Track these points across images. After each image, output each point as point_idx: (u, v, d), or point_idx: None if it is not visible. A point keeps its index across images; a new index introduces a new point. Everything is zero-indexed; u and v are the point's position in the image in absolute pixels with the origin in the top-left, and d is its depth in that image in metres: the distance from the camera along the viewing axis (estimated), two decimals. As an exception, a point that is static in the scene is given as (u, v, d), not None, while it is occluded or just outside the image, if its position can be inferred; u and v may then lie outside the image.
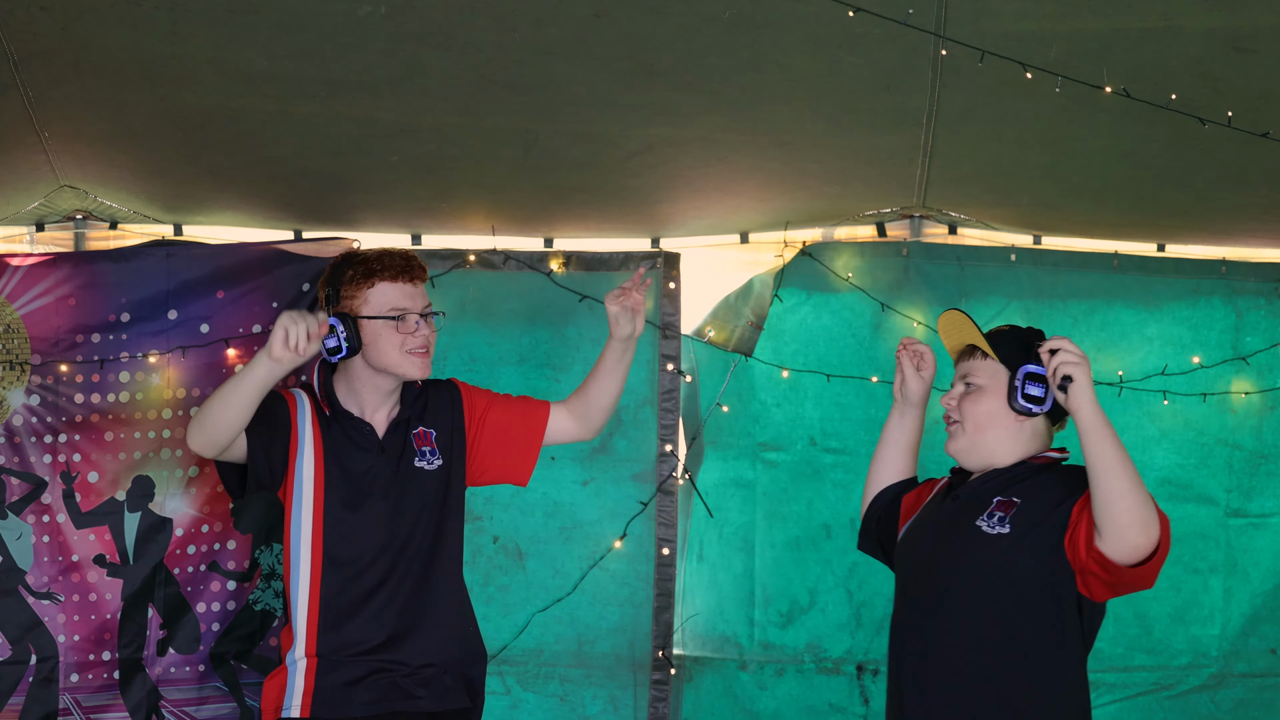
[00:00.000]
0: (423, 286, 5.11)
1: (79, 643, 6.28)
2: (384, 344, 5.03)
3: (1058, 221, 6.75)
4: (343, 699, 5.04)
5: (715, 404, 6.74)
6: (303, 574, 5.09)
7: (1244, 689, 6.90)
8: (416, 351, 5.05)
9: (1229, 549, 6.85)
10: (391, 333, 5.02)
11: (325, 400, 5.12)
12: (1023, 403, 4.43)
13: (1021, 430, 4.49)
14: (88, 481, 6.28)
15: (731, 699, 6.80)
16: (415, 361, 5.05)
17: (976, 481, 4.55)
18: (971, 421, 4.52)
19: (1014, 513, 4.38)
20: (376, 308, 5.02)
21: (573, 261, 6.61)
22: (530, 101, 5.67)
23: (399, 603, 5.09)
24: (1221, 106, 5.40)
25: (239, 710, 6.41)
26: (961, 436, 4.54)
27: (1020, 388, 4.44)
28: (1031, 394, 4.43)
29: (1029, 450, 4.51)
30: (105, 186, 6.33)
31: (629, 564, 6.65)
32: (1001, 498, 4.43)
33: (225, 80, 5.54)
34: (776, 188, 6.38)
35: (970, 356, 4.62)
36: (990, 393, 4.51)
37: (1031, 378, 4.43)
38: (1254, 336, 6.82)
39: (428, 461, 5.16)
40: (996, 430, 4.50)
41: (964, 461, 4.58)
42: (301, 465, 5.10)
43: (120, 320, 6.29)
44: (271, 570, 6.42)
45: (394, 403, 5.16)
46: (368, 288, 5.02)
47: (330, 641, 5.04)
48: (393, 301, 5.02)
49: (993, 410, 4.50)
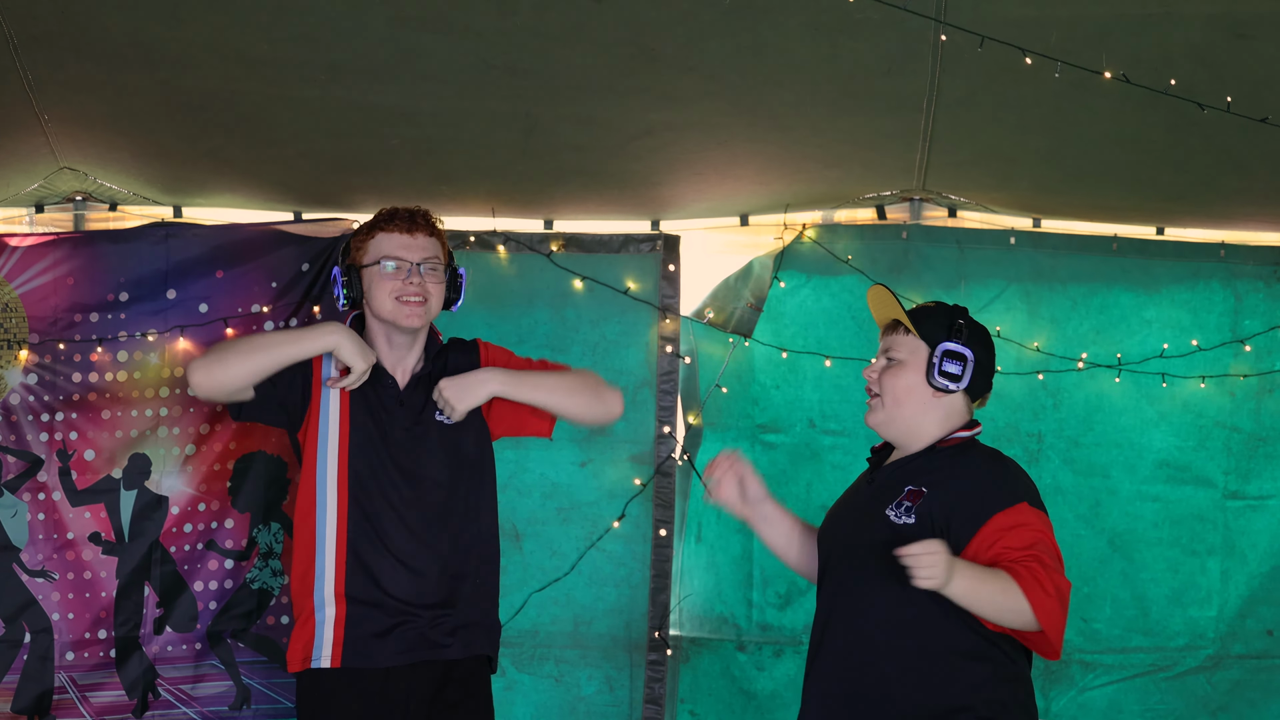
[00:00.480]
0: (426, 239, 5.19)
1: (74, 621, 6.32)
2: (378, 292, 5.14)
3: (1057, 205, 6.77)
4: (372, 650, 5.13)
5: (715, 385, 6.76)
6: (329, 519, 5.17)
7: (1241, 670, 6.92)
8: (409, 300, 5.12)
9: (1227, 531, 6.86)
10: (384, 281, 5.13)
11: None
12: (940, 380, 4.53)
13: (939, 405, 4.58)
14: (84, 459, 6.33)
15: (729, 680, 6.83)
16: (406, 310, 5.13)
17: (892, 466, 4.64)
18: (890, 395, 4.60)
19: (920, 503, 4.46)
20: (372, 257, 5.15)
21: (572, 243, 6.64)
22: (530, 85, 5.70)
23: (424, 553, 5.17)
24: (1221, 92, 5.43)
25: (235, 689, 6.45)
26: (880, 410, 4.63)
27: (938, 364, 4.54)
28: (949, 371, 4.53)
29: (945, 428, 4.59)
30: (105, 169, 6.34)
31: (626, 545, 6.68)
32: (912, 486, 4.51)
33: (225, 64, 5.56)
34: (776, 171, 6.40)
35: (894, 331, 4.68)
36: (909, 367, 4.59)
37: (950, 355, 4.53)
38: (1253, 319, 6.84)
39: (446, 417, 5.23)
40: (913, 404, 4.58)
41: (883, 434, 4.69)
42: (326, 413, 5.20)
43: (119, 300, 6.35)
44: (269, 549, 6.46)
45: (415, 357, 5.26)
46: (369, 239, 5.19)
47: (358, 586, 5.13)
48: (386, 250, 5.14)
49: (911, 385, 4.58)
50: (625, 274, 6.66)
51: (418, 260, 5.15)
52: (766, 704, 6.83)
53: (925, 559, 4.22)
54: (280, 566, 6.47)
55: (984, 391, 4.68)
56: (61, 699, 6.33)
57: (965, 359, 4.54)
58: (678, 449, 6.72)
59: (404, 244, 5.15)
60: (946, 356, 4.54)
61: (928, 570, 4.22)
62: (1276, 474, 6.90)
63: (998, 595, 4.28)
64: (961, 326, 4.58)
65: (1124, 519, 6.87)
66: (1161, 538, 6.86)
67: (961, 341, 4.55)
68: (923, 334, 4.59)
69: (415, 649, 5.16)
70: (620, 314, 6.68)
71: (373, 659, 5.13)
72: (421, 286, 5.13)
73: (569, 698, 6.70)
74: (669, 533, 6.69)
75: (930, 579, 4.21)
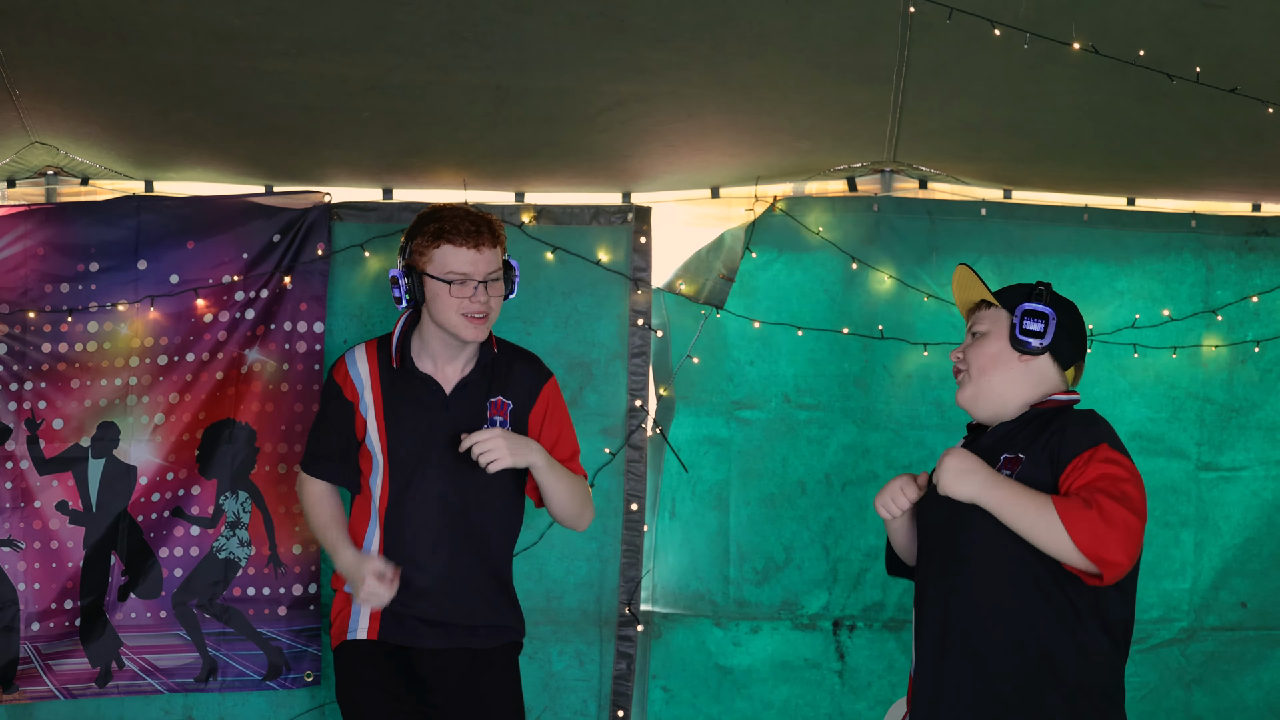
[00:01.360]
0: (490, 252, 5.25)
1: (40, 591, 6.39)
2: (441, 303, 5.23)
3: (1028, 176, 6.80)
4: (410, 630, 5.36)
5: (686, 355, 6.79)
6: (375, 522, 5.38)
7: (1215, 642, 6.99)
8: (473, 316, 5.24)
9: (1200, 503, 6.94)
10: (450, 296, 5.22)
11: (398, 353, 5.36)
12: (1021, 337, 4.54)
13: (1028, 372, 4.59)
14: (52, 428, 6.40)
15: (705, 655, 6.86)
16: (469, 325, 5.25)
17: (988, 438, 4.62)
18: (976, 366, 4.61)
19: (1019, 470, 4.46)
20: (438, 269, 5.22)
21: (544, 215, 6.68)
22: (500, 58, 5.71)
23: (455, 560, 5.38)
24: (1190, 62, 5.49)
25: (201, 661, 6.52)
26: (968, 384, 4.63)
27: (1019, 324, 4.55)
28: (1030, 329, 4.54)
29: (1037, 394, 4.61)
30: (76, 143, 6.36)
31: (598, 519, 6.58)
32: (1008, 454, 4.52)
33: (196, 38, 5.58)
34: (747, 143, 6.43)
35: (977, 309, 4.72)
36: (993, 336, 4.61)
37: (1030, 314, 4.55)
38: (1224, 290, 6.89)
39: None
40: (1000, 372, 4.60)
41: (973, 410, 4.67)
42: (370, 429, 5.38)
43: (89, 270, 6.41)
44: (236, 519, 6.52)
45: (467, 360, 5.38)
46: (434, 248, 5.23)
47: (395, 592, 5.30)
48: (453, 265, 5.21)
49: (995, 352, 4.60)
50: (597, 246, 6.70)
51: (483, 277, 5.23)
52: (742, 679, 6.88)
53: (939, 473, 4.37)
54: (247, 537, 6.53)
55: (1075, 359, 4.68)
56: (26, 669, 6.39)
57: (1046, 316, 4.55)
58: (649, 422, 6.75)
59: (471, 260, 5.21)
60: (1027, 315, 4.56)
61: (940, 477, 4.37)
62: (1249, 445, 6.96)
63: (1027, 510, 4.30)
64: (1041, 290, 4.61)
65: None
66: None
67: (1043, 301, 4.58)
68: (1004, 303, 4.64)
69: (452, 636, 5.38)
70: (592, 286, 6.72)
71: (409, 638, 5.35)
72: (486, 303, 5.24)
73: (541, 673, 6.73)
74: (640, 506, 6.72)
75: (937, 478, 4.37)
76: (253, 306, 6.52)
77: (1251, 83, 5.61)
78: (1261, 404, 6.96)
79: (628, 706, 6.75)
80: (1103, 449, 4.41)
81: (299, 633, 6.56)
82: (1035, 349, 4.57)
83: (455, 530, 5.36)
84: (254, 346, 6.53)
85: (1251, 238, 6.90)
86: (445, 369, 5.39)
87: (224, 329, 6.51)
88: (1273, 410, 6.97)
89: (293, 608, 6.58)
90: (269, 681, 6.58)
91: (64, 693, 6.42)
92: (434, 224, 5.25)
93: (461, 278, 5.20)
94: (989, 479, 4.36)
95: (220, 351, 6.51)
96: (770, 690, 6.88)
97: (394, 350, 5.38)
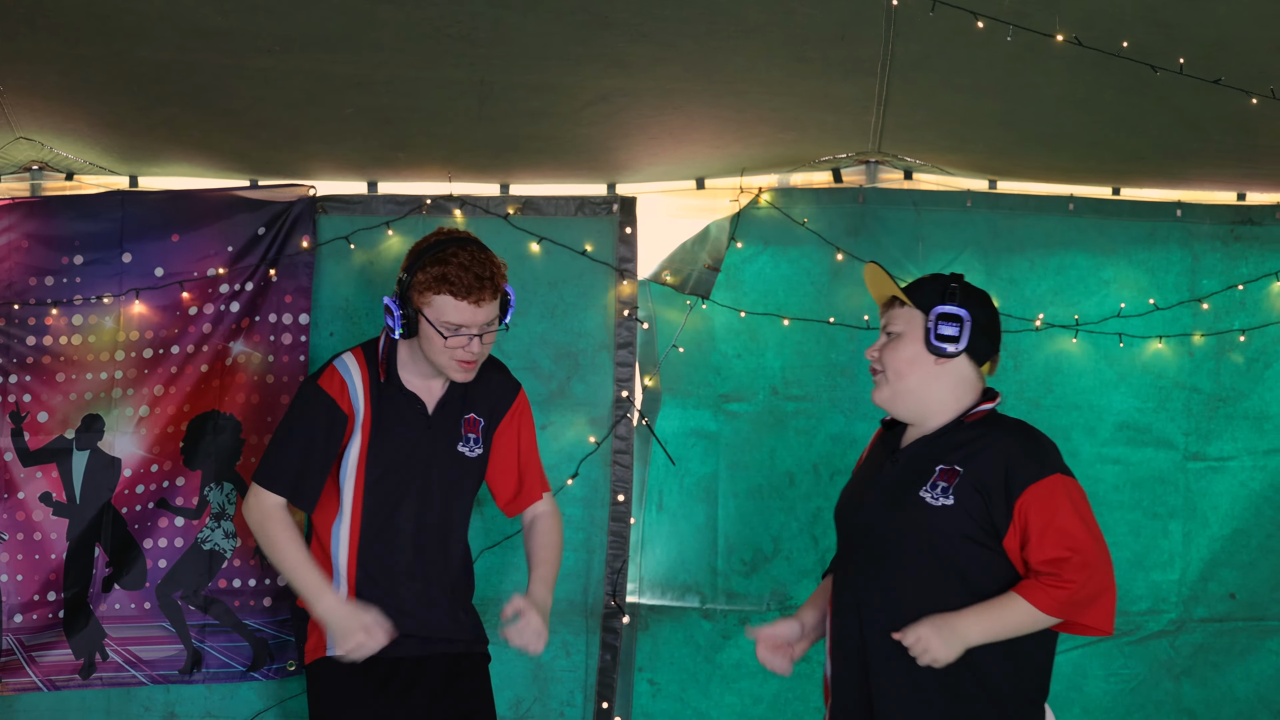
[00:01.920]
0: (490, 305, 5.29)
1: (23, 583, 6.41)
2: (434, 345, 5.30)
3: (1013, 166, 6.81)
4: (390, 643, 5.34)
5: (672, 345, 6.81)
6: (343, 540, 5.42)
7: (1203, 634, 7.00)
8: (462, 362, 5.29)
9: (1188, 493, 6.95)
10: (442, 344, 5.26)
11: (385, 366, 5.39)
12: (936, 343, 4.59)
13: (944, 373, 4.65)
14: (37, 421, 6.44)
15: (693, 648, 6.88)
16: (459, 370, 5.32)
17: (918, 444, 4.66)
18: (892, 369, 4.66)
19: (957, 483, 4.52)
20: (434, 315, 5.26)
21: (529, 206, 6.70)
22: (485, 54, 5.72)
23: (428, 577, 5.47)
24: (1173, 53, 5.50)
25: (185, 653, 6.54)
26: (885, 386, 4.69)
27: (933, 328, 4.60)
28: (945, 334, 4.58)
29: (957, 396, 4.66)
30: (61, 138, 6.37)
31: (584, 509, 6.73)
32: (944, 465, 4.56)
33: (179, 35, 5.58)
34: (732, 135, 6.44)
35: (890, 307, 4.75)
36: (908, 338, 4.66)
37: (945, 318, 4.59)
38: (1210, 279, 6.89)
39: (470, 448, 5.48)
40: (917, 375, 4.66)
41: (891, 410, 4.72)
42: (353, 445, 5.42)
43: (73, 263, 6.43)
44: (221, 510, 6.55)
45: (444, 379, 5.45)
46: (434, 293, 5.25)
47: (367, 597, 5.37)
48: (449, 317, 5.25)
49: (911, 355, 4.65)
50: (583, 237, 6.72)
51: (479, 330, 5.29)
52: (731, 673, 6.89)
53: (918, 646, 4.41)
54: (232, 529, 6.56)
55: (990, 354, 4.73)
56: (8, 660, 6.42)
57: (960, 319, 4.60)
58: (635, 413, 6.76)
59: (470, 314, 5.26)
60: (941, 319, 4.60)
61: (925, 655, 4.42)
62: (1237, 435, 6.97)
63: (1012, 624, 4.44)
64: (955, 289, 4.64)
65: (1085, 482, 6.50)
66: (1123, 500, 6.93)
67: (956, 303, 4.61)
68: (917, 303, 4.66)
69: (430, 643, 5.45)
70: (578, 276, 6.75)
71: (390, 650, 5.34)
72: (477, 354, 5.30)
73: (530, 665, 6.73)
74: (627, 498, 6.73)
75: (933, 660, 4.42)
76: (238, 299, 6.55)
77: (1235, 73, 5.62)
78: (1249, 393, 6.96)
79: (612, 699, 6.76)
80: (1054, 481, 4.52)
81: (283, 623, 6.59)
82: (951, 354, 4.62)
83: (431, 548, 5.45)
84: (239, 339, 6.56)
85: (1237, 226, 6.91)
86: (427, 385, 5.47)
87: (209, 321, 6.54)
88: (1260, 400, 6.97)
89: (277, 598, 6.60)
90: (253, 672, 6.61)
91: (47, 684, 6.45)
92: (438, 267, 5.25)
93: (457, 328, 5.25)
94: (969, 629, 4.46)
95: (205, 344, 6.54)
96: (759, 684, 6.88)
97: (382, 364, 5.43)
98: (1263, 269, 6.91)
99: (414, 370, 5.43)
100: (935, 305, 4.64)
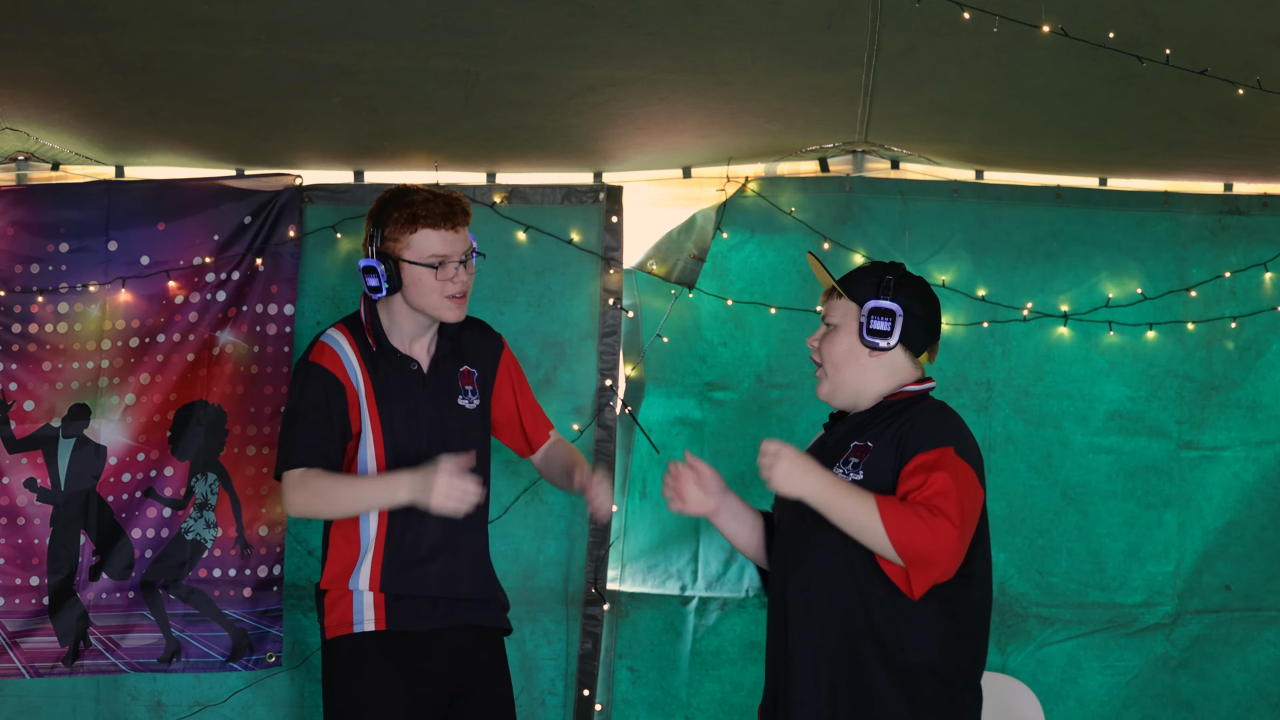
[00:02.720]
0: (465, 230, 5.34)
1: (4, 567, 6.45)
2: (423, 288, 5.30)
3: (1000, 157, 6.84)
4: (417, 613, 5.38)
5: (656, 334, 6.83)
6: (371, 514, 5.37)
7: (1200, 626, 6.99)
8: (454, 297, 5.31)
9: (1182, 482, 6.95)
10: (431, 279, 5.28)
11: (372, 334, 5.39)
12: (869, 337, 4.62)
13: (879, 365, 4.68)
14: (23, 409, 6.47)
15: (673, 635, 6.90)
16: (452, 306, 5.33)
17: (843, 426, 4.72)
18: (829, 362, 4.70)
19: (867, 458, 4.58)
20: (418, 254, 5.28)
21: (515, 195, 6.72)
22: (471, 44, 5.75)
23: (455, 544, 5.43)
24: (1160, 44, 5.52)
25: (165, 641, 6.57)
26: (825, 381, 4.73)
27: (865, 323, 4.63)
28: (877, 328, 4.62)
29: (891, 385, 4.69)
30: (47, 129, 6.41)
31: (567, 497, 6.73)
32: (858, 442, 4.62)
33: (165, 25, 5.59)
34: (718, 125, 6.46)
35: (830, 297, 4.79)
36: (843, 331, 4.69)
37: (877, 312, 4.62)
38: (1199, 269, 6.90)
39: (469, 400, 5.47)
40: (853, 367, 4.68)
41: (834, 403, 4.76)
42: (364, 415, 5.40)
43: (59, 250, 6.47)
44: (205, 500, 6.56)
45: (433, 335, 5.45)
46: (410, 233, 5.29)
47: (393, 580, 5.35)
48: (433, 249, 5.28)
49: (847, 348, 4.68)
50: (569, 226, 6.74)
51: (461, 256, 5.33)
52: (711, 660, 6.91)
53: (766, 458, 4.42)
54: (214, 519, 6.59)
55: (927, 345, 4.75)
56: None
57: (893, 314, 4.62)
58: (619, 401, 6.79)
59: (448, 241, 5.31)
60: (873, 314, 4.62)
61: (765, 470, 4.42)
62: (1230, 424, 6.99)
63: (850, 509, 4.40)
64: (890, 282, 4.66)
65: (1077, 471, 6.93)
66: (1116, 490, 6.96)
67: (889, 297, 4.63)
68: (852, 295, 4.70)
69: (457, 614, 5.42)
70: (564, 265, 6.77)
71: (418, 621, 5.37)
72: (465, 282, 5.33)
73: (518, 653, 6.72)
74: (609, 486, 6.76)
75: (767, 476, 4.42)
76: (224, 288, 6.58)
77: (1222, 64, 5.65)
78: (1241, 382, 6.97)
79: (593, 686, 6.78)
80: (949, 454, 4.49)
81: (263, 614, 6.61)
82: (883, 348, 4.66)
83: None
84: (225, 328, 6.59)
85: (1225, 216, 6.93)
86: (416, 347, 5.46)
87: (195, 310, 6.57)
88: (1253, 389, 6.98)
89: (257, 589, 6.62)
90: (232, 663, 6.63)
91: (30, 670, 6.48)
92: (406, 209, 5.30)
93: (443, 259, 5.29)
94: (819, 480, 4.45)
95: (191, 333, 6.57)
96: (740, 671, 6.90)
97: (369, 332, 5.42)
98: (1251, 259, 6.93)
99: (401, 333, 5.42)
100: (869, 299, 4.67)
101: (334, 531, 5.46)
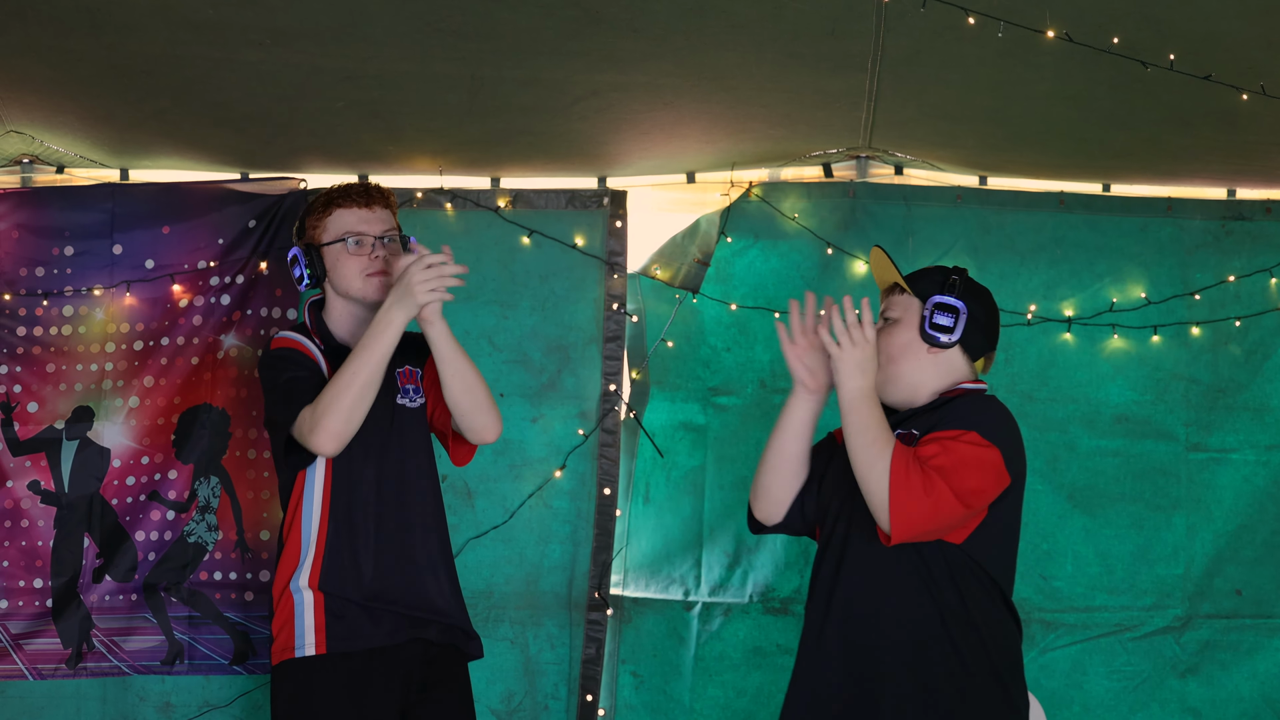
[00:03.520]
0: (384, 213, 5.34)
1: (8, 569, 6.46)
2: (343, 269, 5.29)
3: (1003, 162, 6.84)
4: (357, 632, 5.22)
5: (660, 339, 6.85)
6: (314, 508, 5.27)
7: (1210, 631, 6.97)
8: (374, 273, 5.27)
9: (1190, 484, 6.95)
10: (349, 257, 5.27)
11: (318, 334, 5.34)
12: (930, 331, 4.63)
13: (936, 363, 4.69)
14: (27, 411, 6.50)
15: (675, 641, 6.92)
16: (371, 282, 5.27)
17: (893, 419, 4.69)
18: (885, 354, 4.68)
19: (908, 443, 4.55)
20: (333, 234, 5.29)
21: (519, 199, 6.74)
22: (476, 49, 5.76)
23: (395, 547, 5.29)
24: (1164, 50, 5.54)
25: (167, 644, 6.57)
26: (878, 371, 4.65)
27: (929, 317, 4.64)
28: (940, 323, 4.63)
29: (946, 383, 4.70)
30: (52, 132, 6.42)
31: (571, 502, 6.76)
32: (902, 431, 4.62)
33: (170, 28, 5.60)
34: (722, 130, 6.47)
35: (891, 293, 4.81)
36: (904, 324, 4.71)
37: (941, 308, 4.64)
38: (1203, 273, 6.91)
39: (410, 399, 5.38)
40: (909, 362, 4.69)
41: (883, 397, 4.68)
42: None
43: (64, 253, 6.49)
44: (207, 503, 6.58)
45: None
46: (326, 216, 5.32)
47: (332, 580, 5.22)
48: (348, 226, 5.29)
49: (906, 342, 4.69)
50: (573, 230, 6.76)
51: (379, 233, 5.31)
52: (714, 666, 6.91)
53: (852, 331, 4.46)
54: (215, 522, 6.60)
55: (985, 350, 4.78)
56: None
57: (957, 311, 4.64)
58: (623, 405, 6.81)
59: (364, 218, 5.30)
60: (938, 309, 4.64)
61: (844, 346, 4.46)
62: (1238, 426, 6.99)
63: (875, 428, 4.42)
64: (955, 282, 4.69)
65: (1083, 474, 6.93)
66: (1124, 493, 6.96)
67: (955, 295, 4.66)
68: (917, 291, 4.72)
69: (400, 630, 5.26)
70: (568, 270, 6.79)
71: (359, 641, 5.23)
72: (384, 260, 5.29)
73: (521, 657, 6.77)
74: (613, 491, 6.76)
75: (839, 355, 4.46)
76: (228, 292, 6.61)
77: (1225, 70, 5.66)
78: (1247, 384, 6.98)
79: (596, 691, 6.79)
80: (970, 434, 4.48)
81: (265, 618, 6.57)
82: (944, 344, 4.67)
83: (398, 513, 5.30)
84: (229, 332, 6.61)
85: (1228, 222, 6.95)
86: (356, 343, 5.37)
87: (199, 314, 6.59)
88: (1260, 392, 6.98)
89: (259, 593, 6.62)
90: (235, 666, 6.64)
91: (33, 672, 6.49)
92: (323, 196, 5.36)
93: (358, 236, 5.29)
94: (871, 387, 4.48)
95: (195, 337, 6.59)
96: (743, 677, 6.91)
97: (314, 334, 5.36)
98: (1255, 264, 6.94)
99: (340, 330, 5.36)
100: (933, 295, 4.69)
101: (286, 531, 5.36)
